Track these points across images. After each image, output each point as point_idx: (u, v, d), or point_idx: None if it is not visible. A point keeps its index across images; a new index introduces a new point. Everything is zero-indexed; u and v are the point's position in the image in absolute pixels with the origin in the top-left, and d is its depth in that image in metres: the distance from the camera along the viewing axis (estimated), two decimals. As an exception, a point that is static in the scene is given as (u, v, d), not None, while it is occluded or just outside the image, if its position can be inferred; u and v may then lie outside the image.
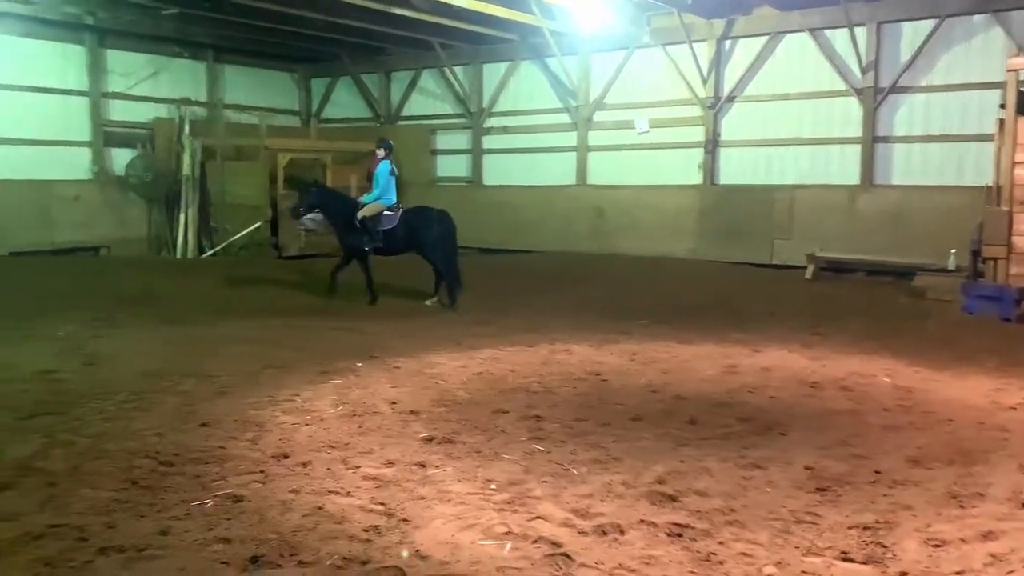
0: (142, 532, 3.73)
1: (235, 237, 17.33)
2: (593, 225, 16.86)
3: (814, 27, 14.72)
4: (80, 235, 16.91)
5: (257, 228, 17.08)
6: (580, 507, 4.11)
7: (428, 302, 11.35)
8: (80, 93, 17.45)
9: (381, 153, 11.42)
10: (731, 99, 15.76)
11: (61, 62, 17.08)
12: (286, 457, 4.81)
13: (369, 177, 18.82)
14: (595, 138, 17.36)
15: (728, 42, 15.71)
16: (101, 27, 17.21)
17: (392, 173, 11.34)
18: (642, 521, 3.94)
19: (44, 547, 3.57)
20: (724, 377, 7.16)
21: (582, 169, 17.48)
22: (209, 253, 17.45)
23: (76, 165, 17.42)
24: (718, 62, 15.74)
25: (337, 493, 4.24)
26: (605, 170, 17.18)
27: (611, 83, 17.00)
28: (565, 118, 17.69)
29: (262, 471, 4.57)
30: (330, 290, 11.48)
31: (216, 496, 4.17)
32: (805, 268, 13.95)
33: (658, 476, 4.57)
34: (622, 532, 3.82)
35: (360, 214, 11.18)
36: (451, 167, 19.63)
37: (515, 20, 15.52)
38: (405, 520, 3.90)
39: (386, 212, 11.24)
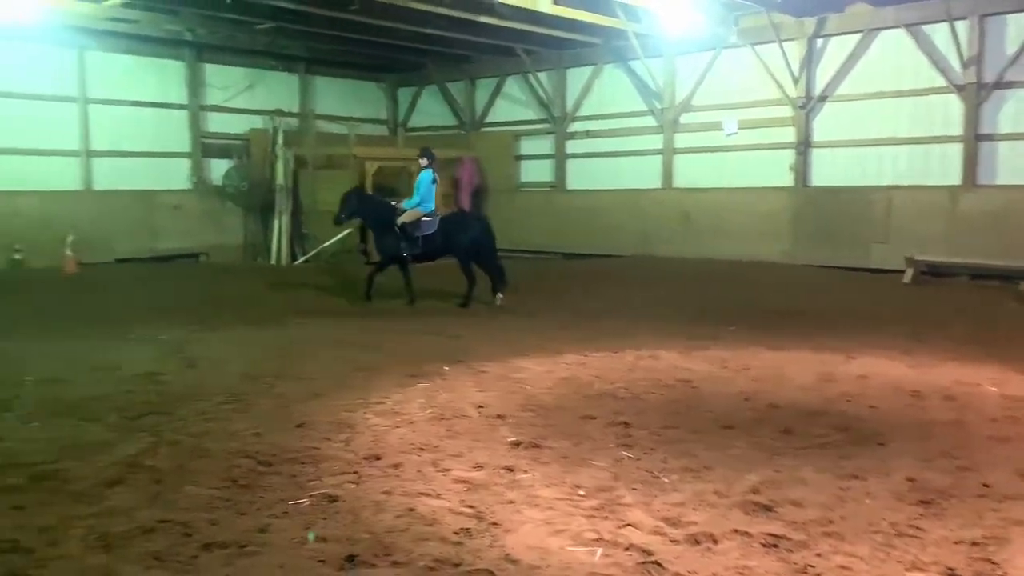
0: (243, 529, 3.86)
1: (325, 244, 17.80)
2: (680, 229, 16.63)
3: (911, 23, 14.19)
4: (180, 242, 17.67)
5: (347, 235, 17.47)
6: (671, 515, 4.06)
7: (498, 302, 11.51)
8: (180, 106, 18.25)
9: (424, 162, 11.63)
10: (823, 98, 15.34)
11: (162, 77, 17.90)
12: (378, 459, 4.90)
13: (454, 184, 19.24)
14: (681, 140, 17.16)
15: (820, 40, 15.30)
16: (199, 42, 17.98)
17: (433, 181, 11.56)
18: (736, 531, 3.86)
19: (153, 541, 3.73)
20: (819, 385, 6.95)
21: (668, 172, 17.28)
22: (301, 259, 17.96)
23: (176, 175, 18.21)
24: (809, 61, 15.34)
25: (428, 495, 4.29)
26: (692, 173, 16.95)
27: (698, 85, 16.77)
28: (650, 121, 17.53)
29: (355, 472, 4.67)
30: (366, 295, 11.68)
31: (312, 496, 4.28)
32: (903, 272, 13.43)
33: (752, 486, 4.47)
34: (715, 541, 3.75)
35: (400, 220, 11.38)
36: (535, 172, 19.69)
37: (599, 24, 15.47)
38: (495, 524, 3.92)
39: (425, 218, 11.44)
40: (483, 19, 15.26)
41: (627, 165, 17.85)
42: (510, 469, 4.69)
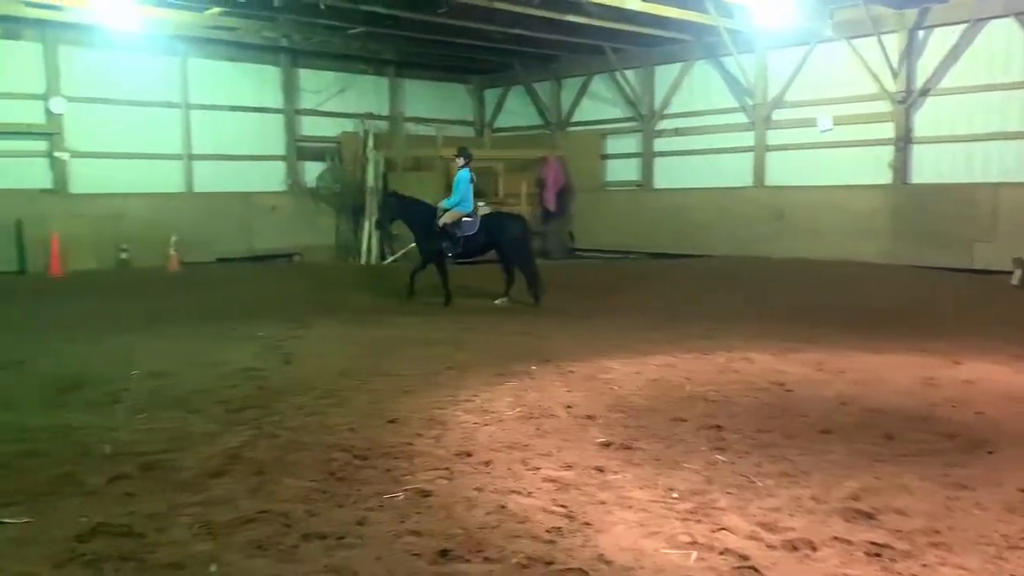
0: (341, 521, 3.96)
1: (413, 244, 18.05)
2: (772, 228, 16.22)
3: (1021, 11, 13.47)
4: (276, 242, 18.25)
5: (434, 235, 17.69)
6: (767, 520, 3.96)
7: (498, 301, 11.75)
8: (276, 111, 18.86)
9: (460, 161, 11.78)
10: (924, 92, 14.72)
11: (259, 82, 18.54)
12: (469, 455, 4.95)
13: (539, 184, 19.28)
14: (774, 137, 16.75)
15: (921, 32, 14.69)
16: (294, 48, 18.55)
17: (471, 181, 11.71)
18: (836, 538, 3.74)
19: (255, 530, 3.86)
20: (922, 390, 6.68)
21: (759, 170, 16.90)
22: (390, 259, 18.30)
23: (273, 178, 18.83)
24: (909, 54, 14.75)
25: (519, 493, 4.31)
26: (785, 170, 16.52)
27: (791, 80, 16.34)
28: (741, 118, 17.17)
29: (447, 468, 4.72)
30: (409, 293, 11.85)
31: (406, 490, 4.35)
32: (1010, 273, 12.77)
33: (851, 492, 4.33)
34: (814, 548, 3.65)
35: (441, 221, 11.55)
36: (621, 171, 19.54)
37: (689, 20, 15.26)
38: (587, 523, 3.91)
39: (465, 219, 11.60)
40: (571, 18, 15.24)
41: (717, 163, 17.53)
42: (601, 470, 4.67)
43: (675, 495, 4.29)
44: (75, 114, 16.09)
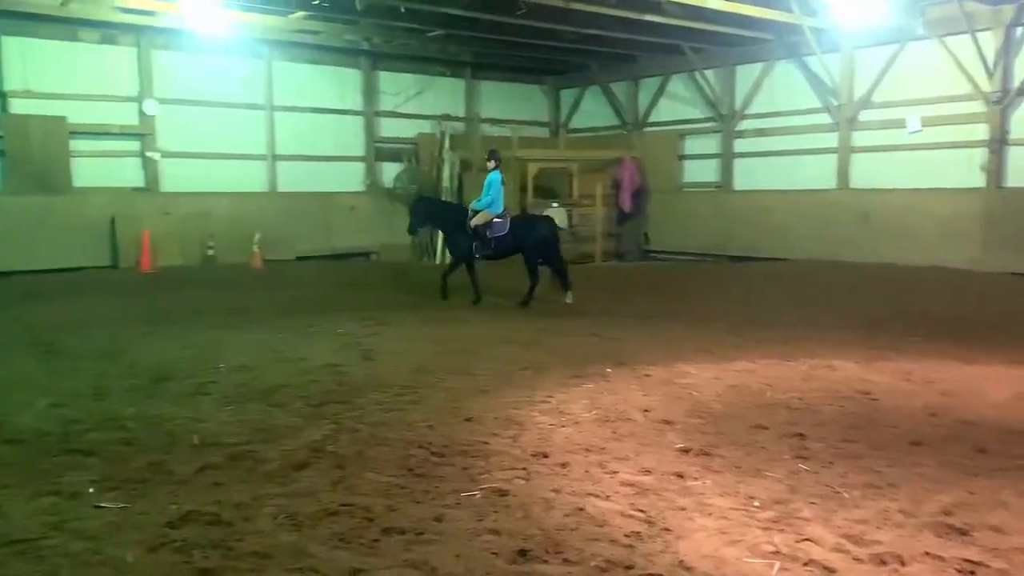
0: (419, 517, 4.00)
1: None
2: (856, 231, 15.69)
3: None
4: (354, 241, 18.60)
5: (508, 235, 17.76)
6: (853, 533, 3.85)
7: (567, 299, 11.89)
8: (355, 112, 19.21)
9: (491, 164, 11.92)
10: (1022, 92, 14.07)
11: (340, 85, 18.92)
12: (545, 456, 4.95)
13: (615, 184, 19.16)
14: (859, 139, 16.25)
15: (1019, 29, 14.04)
16: (375, 51, 18.88)
17: (503, 183, 11.88)
18: (927, 554, 3.61)
19: (338, 523, 3.94)
20: (1018, 402, 6.39)
21: (844, 172, 16.42)
22: (463, 259, 18.42)
23: (352, 178, 19.19)
24: (1006, 52, 14.12)
25: (596, 496, 4.29)
26: (870, 172, 15.99)
27: (878, 80, 15.82)
28: (825, 118, 16.72)
29: (524, 468, 4.73)
30: (442, 295, 11.99)
31: (483, 489, 4.38)
32: (1115, 282, 12.12)
33: (943, 507, 4.17)
34: (903, 563, 3.53)
35: (472, 222, 11.71)
36: (699, 172, 19.25)
37: (772, 19, 14.93)
38: (666, 529, 3.86)
39: (496, 220, 11.76)
40: (649, 18, 15.08)
41: (799, 164, 17.10)
42: (680, 475, 4.61)
43: (757, 503, 4.21)
44: (166, 115, 16.69)
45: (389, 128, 19.65)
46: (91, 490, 4.38)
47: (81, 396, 6.42)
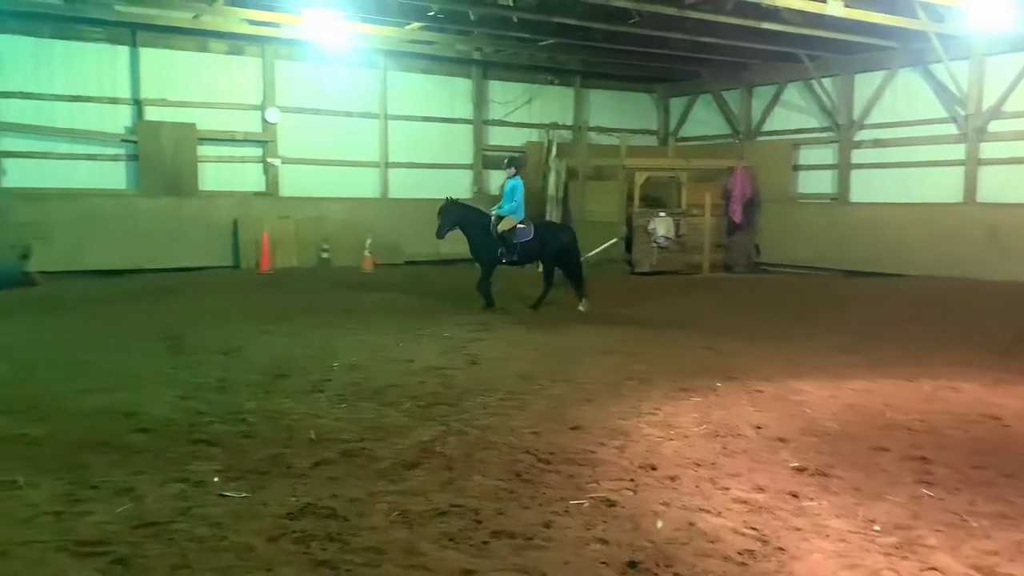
0: (527, 522, 4.02)
1: (591, 253, 18.10)
2: (983, 248, 14.83)
3: None
4: (461, 248, 18.81)
5: (613, 244, 17.68)
6: (984, 564, 3.65)
7: (581, 308, 11.85)
8: (465, 121, 19.54)
9: (512, 171, 11.97)
10: None
11: (450, 94, 19.29)
12: (654, 469, 4.89)
13: (726, 195, 18.77)
14: (988, 150, 15.40)
15: None
16: (485, 60, 19.15)
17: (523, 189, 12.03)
18: (1067, 593, 3.38)
19: (448, 523, 4.01)
20: None
21: (971, 185, 15.58)
22: (569, 267, 18.42)
23: (459, 185, 19.40)
24: None
25: (707, 511, 4.21)
26: (1001, 186, 15.10)
27: (1011, 89, 14.97)
28: (950, 129, 15.93)
29: (632, 479, 4.69)
30: (486, 304, 11.86)
31: (591, 497, 4.36)
32: None
33: (1085, 543, 3.89)
34: (1041, 601, 3.32)
35: (500, 228, 11.74)
36: (814, 183, 18.66)
37: (895, 26, 14.35)
38: (781, 549, 3.75)
39: (520, 226, 11.82)
40: (765, 25, 14.74)
41: (921, 177, 16.33)
42: (795, 495, 4.47)
43: (877, 528, 4.04)
44: (286, 123, 17.42)
45: (497, 137, 19.90)
46: (216, 479, 4.60)
47: (205, 389, 6.76)
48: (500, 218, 11.92)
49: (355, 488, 4.48)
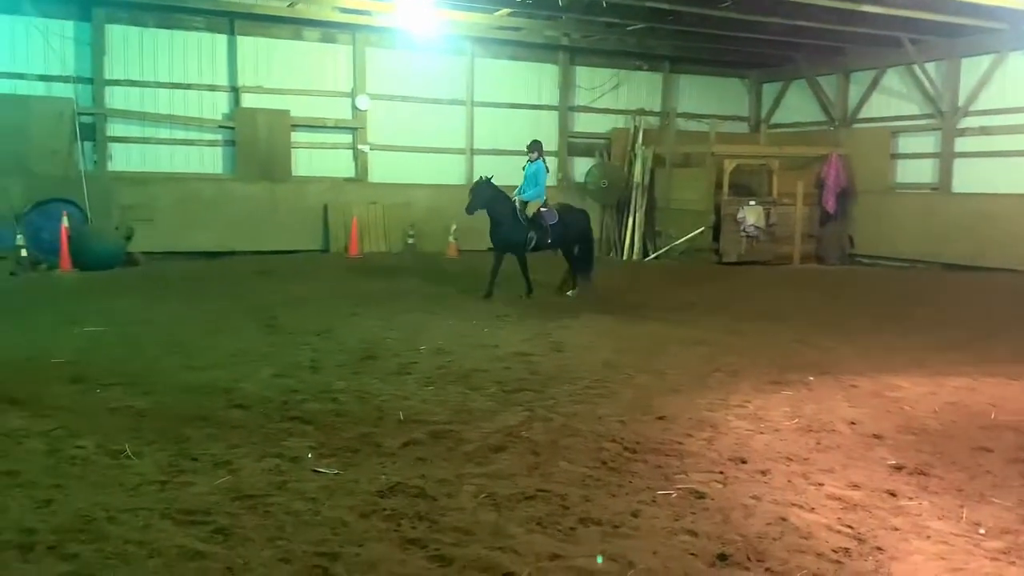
0: (615, 510, 4.01)
1: (677, 241, 17.86)
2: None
3: None
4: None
5: (700, 233, 17.38)
6: (1101, 576, 3.45)
7: (570, 293, 12.08)
8: (550, 108, 19.44)
9: (534, 155, 11.89)
10: None
11: (537, 80, 19.21)
12: (743, 462, 4.80)
13: (819, 183, 18.20)
14: (1108, 139, 14.49)
15: None
16: (573, 46, 19.00)
17: (547, 172, 12.09)
18: None
19: (534, 508, 4.02)
20: None
21: (1088, 176, 14.69)
22: (652, 256, 18.22)
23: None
24: None
25: (800, 507, 4.11)
26: (1121, 177, 14.21)
27: None
28: (1065, 116, 15.04)
29: (721, 472, 4.62)
30: (527, 293, 11.72)
31: (679, 488, 4.31)
32: None
33: None
34: None
35: (530, 211, 11.68)
36: (913, 172, 17.89)
37: (1005, 7, 13.58)
38: (878, 548, 3.64)
39: (543, 209, 11.75)
40: (865, 8, 14.17)
41: (1032, 166, 15.49)
42: (892, 493, 4.32)
43: (982, 531, 3.87)
44: (375, 110, 17.69)
45: (583, 123, 19.73)
46: (309, 455, 4.74)
47: (299, 368, 6.96)
48: (525, 203, 11.89)
49: (443, 469, 4.54)
